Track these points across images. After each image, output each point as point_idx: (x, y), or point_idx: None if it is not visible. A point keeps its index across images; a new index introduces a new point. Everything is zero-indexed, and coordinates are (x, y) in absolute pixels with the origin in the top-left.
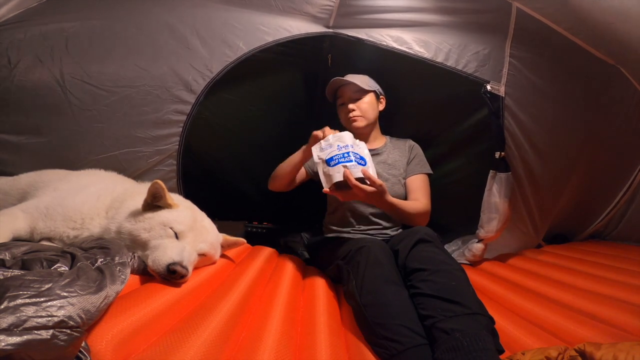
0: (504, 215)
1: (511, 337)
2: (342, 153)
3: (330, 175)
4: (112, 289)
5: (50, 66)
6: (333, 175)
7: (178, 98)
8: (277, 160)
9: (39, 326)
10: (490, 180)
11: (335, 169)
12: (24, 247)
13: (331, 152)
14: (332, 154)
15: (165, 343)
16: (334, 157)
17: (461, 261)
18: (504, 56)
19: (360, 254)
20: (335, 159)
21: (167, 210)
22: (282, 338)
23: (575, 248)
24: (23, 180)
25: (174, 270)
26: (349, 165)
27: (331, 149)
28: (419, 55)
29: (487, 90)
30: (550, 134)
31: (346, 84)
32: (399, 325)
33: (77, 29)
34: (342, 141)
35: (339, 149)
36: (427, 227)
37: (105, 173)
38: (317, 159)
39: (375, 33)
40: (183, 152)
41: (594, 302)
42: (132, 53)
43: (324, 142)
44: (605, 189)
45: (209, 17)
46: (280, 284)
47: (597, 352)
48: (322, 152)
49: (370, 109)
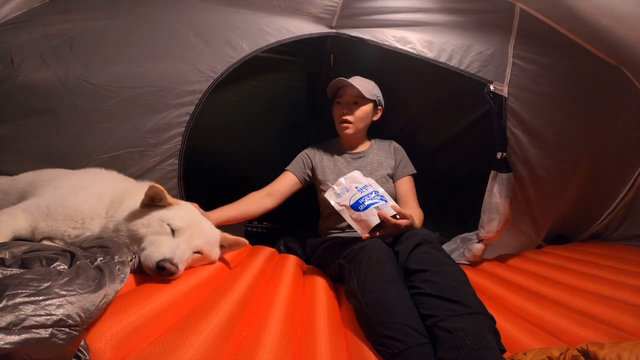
0: (504, 215)
1: (511, 338)
2: (367, 195)
3: (365, 220)
4: (111, 288)
5: (54, 66)
6: (368, 220)
7: (181, 99)
8: (278, 160)
9: (37, 325)
10: (491, 181)
11: (367, 212)
12: (24, 246)
13: (353, 197)
14: (355, 198)
15: (165, 342)
16: (360, 202)
17: (461, 261)
18: (508, 56)
19: (362, 253)
20: (362, 202)
21: (166, 208)
22: (282, 337)
23: (575, 249)
24: (23, 179)
25: (163, 267)
26: (380, 206)
27: (350, 193)
28: (422, 55)
29: (490, 91)
30: (553, 134)
31: (349, 86)
32: (401, 324)
33: (81, 29)
34: (357, 182)
35: (360, 190)
36: (426, 230)
37: (105, 172)
38: (339, 206)
39: (378, 33)
40: (184, 152)
41: (594, 303)
42: (136, 54)
43: (337, 187)
44: (607, 189)
45: (213, 18)
46: (280, 284)
47: (601, 351)
48: (340, 198)
49: (363, 118)
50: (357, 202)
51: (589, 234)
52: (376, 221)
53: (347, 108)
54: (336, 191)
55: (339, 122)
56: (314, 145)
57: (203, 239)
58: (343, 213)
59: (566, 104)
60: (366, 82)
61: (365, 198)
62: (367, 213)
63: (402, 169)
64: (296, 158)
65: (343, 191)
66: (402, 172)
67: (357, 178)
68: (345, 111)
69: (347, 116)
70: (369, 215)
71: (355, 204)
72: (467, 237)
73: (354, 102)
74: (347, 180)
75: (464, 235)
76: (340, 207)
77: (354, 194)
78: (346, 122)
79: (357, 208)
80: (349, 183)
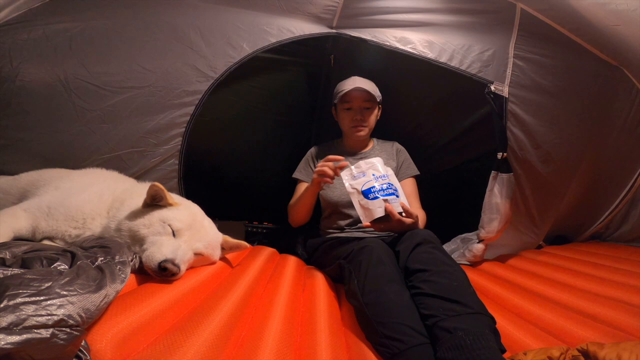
0: (505, 216)
1: (511, 338)
2: (381, 185)
3: (371, 209)
4: (112, 288)
5: (54, 67)
6: (374, 210)
7: (182, 99)
8: (278, 160)
9: (38, 325)
10: (491, 181)
11: (375, 202)
12: (24, 246)
13: (367, 183)
14: (368, 185)
15: (166, 342)
16: (372, 190)
17: (461, 261)
18: (508, 57)
19: (362, 253)
20: (373, 191)
21: (167, 208)
22: (283, 337)
23: (575, 249)
24: (23, 179)
25: (165, 268)
26: (389, 200)
27: (365, 178)
28: (423, 55)
29: (491, 91)
30: (553, 134)
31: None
32: (401, 324)
33: (80, 29)
34: (375, 169)
35: (375, 179)
36: (427, 230)
37: (106, 172)
38: (351, 188)
39: (379, 33)
40: (185, 152)
41: (594, 303)
42: (137, 54)
43: (355, 169)
44: (607, 189)
45: (213, 18)
46: (281, 284)
47: (601, 351)
48: (354, 181)
49: (374, 121)
50: (369, 189)
51: (589, 235)
52: (381, 213)
53: (360, 114)
54: (353, 173)
55: (352, 126)
56: (316, 147)
57: (204, 240)
58: (352, 196)
59: (566, 105)
60: (370, 83)
61: (378, 187)
62: (374, 203)
63: (404, 170)
64: (301, 164)
65: (360, 175)
66: (404, 173)
67: (376, 165)
68: (358, 117)
69: (361, 122)
70: (375, 205)
71: (367, 190)
72: (467, 237)
73: (365, 107)
74: (367, 165)
75: (464, 236)
76: (352, 189)
77: (368, 180)
78: (360, 127)
79: (367, 195)
80: (367, 168)
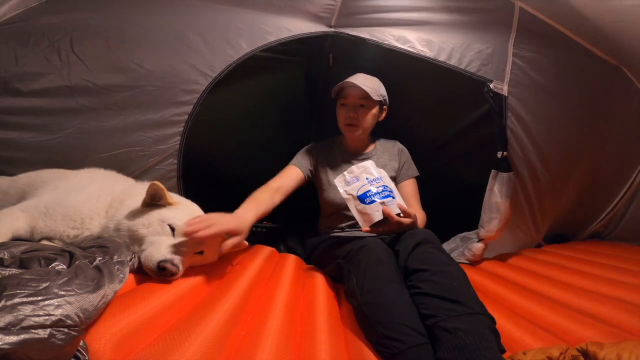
0: (504, 215)
1: (511, 337)
2: (376, 188)
3: (369, 214)
4: (110, 288)
5: (56, 65)
6: (372, 214)
7: (180, 98)
8: (278, 160)
9: (36, 325)
10: (491, 180)
11: (373, 207)
12: (22, 246)
13: (362, 187)
14: (364, 190)
15: (165, 342)
16: (367, 194)
17: (461, 260)
18: (507, 55)
19: (361, 253)
20: (369, 195)
21: (167, 207)
22: (282, 337)
23: (575, 248)
24: (22, 179)
25: (164, 268)
26: (386, 202)
27: (359, 183)
28: (422, 54)
29: (490, 90)
30: (553, 133)
31: (354, 87)
32: (401, 324)
33: (80, 29)
34: (369, 173)
35: (370, 182)
36: (427, 230)
37: (104, 172)
38: (346, 194)
39: (378, 32)
40: (183, 151)
41: (594, 302)
42: (135, 53)
43: (348, 175)
44: (606, 188)
45: (212, 17)
46: (280, 283)
47: (601, 351)
48: (349, 187)
49: (370, 120)
50: (365, 194)
51: (588, 233)
52: (379, 217)
53: (354, 111)
54: (346, 178)
55: (345, 124)
56: (317, 143)
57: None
58: (349, 202)
59: (566, 103)
60: (371, 80)
61: (374, 191)
62: (372, 207)
63: (405, 171)
64: (300, 153)
65: (353, 180)
66: (405, 174)
67: (369, 169)
68: (351, 114)
69: (354, 120)
70: (373, 209)
71: (363, 195)
72: (467, 236)
73: (360, 105)
74: (359, 169)
75: (463, 235)
76: (348, 195)
77: (363, 185)
78: (352, 125)
79: (363, 200)
80: (361, 172)
